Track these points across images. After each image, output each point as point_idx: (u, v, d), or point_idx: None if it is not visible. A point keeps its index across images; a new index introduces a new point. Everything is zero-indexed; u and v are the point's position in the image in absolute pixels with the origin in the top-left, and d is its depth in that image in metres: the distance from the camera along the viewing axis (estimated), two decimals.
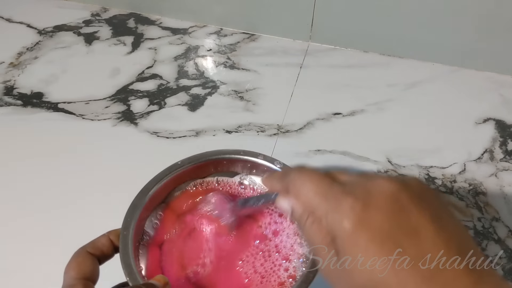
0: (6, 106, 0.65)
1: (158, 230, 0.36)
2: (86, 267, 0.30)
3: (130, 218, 0.34)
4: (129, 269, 0.31)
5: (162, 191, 0.37)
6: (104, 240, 0.32)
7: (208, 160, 0.39)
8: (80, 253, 0.31)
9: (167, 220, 0.37)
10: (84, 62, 0.72)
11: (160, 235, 0.36)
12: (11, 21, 0.80)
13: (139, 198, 0.35)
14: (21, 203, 0.53)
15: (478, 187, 0.56)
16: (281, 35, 0.77)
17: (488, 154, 0.60)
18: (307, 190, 0.28)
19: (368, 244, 0.24)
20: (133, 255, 0.32)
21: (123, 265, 0.31)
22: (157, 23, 0.80)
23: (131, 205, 0.35)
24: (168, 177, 0.37)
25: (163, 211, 0.37)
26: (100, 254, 0.32)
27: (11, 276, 0.47)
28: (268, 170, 0.39)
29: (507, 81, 0.70)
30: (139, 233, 0.35)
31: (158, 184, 0.36)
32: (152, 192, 0.36)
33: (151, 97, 0.66)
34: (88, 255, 0.31)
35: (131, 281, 0.31)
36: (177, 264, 0.35)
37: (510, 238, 0.51)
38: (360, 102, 0.66)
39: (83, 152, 0.59)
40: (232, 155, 0.39)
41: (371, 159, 0.59)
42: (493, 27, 0.65)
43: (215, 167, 0.40)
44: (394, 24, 0.69)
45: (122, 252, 0.32)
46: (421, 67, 0.72)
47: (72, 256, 0.31)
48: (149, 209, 0.36)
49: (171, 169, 0.37)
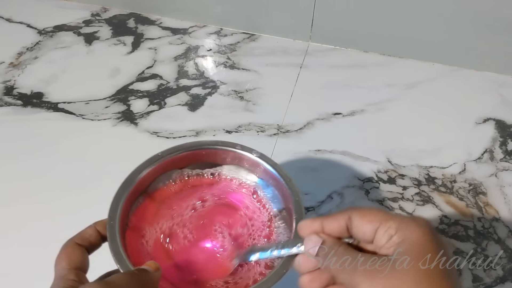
0: (6, 106, 0.65)
1: (141, 218, 0.38)
2: (76, 257, 0.31)
3: (116, 208, 0.35)
4: (119, 256, 0.32)
5: (144, 181, 0.39)
6: (91, 231, 0.33)
7: (187, 151, 0.40)
8: (69, 244, 0.32)
9: (149, 209, 0.39)
10: (84, 62, 0.72)
11: (143, 224, 0.38)
12: (11, 21, 0.80)
13: (122, 188, 0.37)
14: (21, 203, 0.53)
15: (478, 187, 0.56)
16: (281, 35, 0.77)
17: (488, 154, 0.60)
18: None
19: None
20: (121, 243, 0.33)
21: (112, 253, 0.32)
22: (157, 23, 0.80)
23: (116, 196, 0.36)
24: (149, 168, 0.38)
25: (145, 200, 0.39)
26: (88, 244, 0.33)
27: (10, 276, 0.47)
28: (246, 159, 0.40)
29: (507, 81, 0.70)
30: (124, 222, 0.36)
31: (140, 175, 0.38)
32: (134, 183, 0.37)
33: (151, 97, 0.66)
34: (76, 246, 0.32)
35: (122, 268, 0.32)
36: (162, 251, 0.36)
37: (510, 238, 0.51)
38: (360, 102, 0.66)
39: (83, 152, 0.59)
40: (210, 145, 0.41)
41: (371, 159, 0.59)
42: (493, 27, 0.65)
43: (194, 158, 0.41)
44: (394, 24, 0.69)
45: (110, 240, 0.33)
46: (421, 67, 0.72)
47: (61, 248, 0.32)
48: (132, 198, 0.38)
49: (151, 160, 0.39)
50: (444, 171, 0.58)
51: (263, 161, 0.40)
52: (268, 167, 0.39)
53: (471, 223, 0.53)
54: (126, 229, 0.36)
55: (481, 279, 0.48)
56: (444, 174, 0.57)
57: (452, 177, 0.57)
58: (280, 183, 0.38)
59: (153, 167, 0.39)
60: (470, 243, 0.51)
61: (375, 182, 0.56)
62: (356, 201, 0.54)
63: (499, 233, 0.52)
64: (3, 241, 0.50)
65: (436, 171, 0.58)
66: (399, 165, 0.58)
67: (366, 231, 0.28)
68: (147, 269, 0.30)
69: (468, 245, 0.50)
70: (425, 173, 0.57)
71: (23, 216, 0.52)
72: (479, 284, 0.47)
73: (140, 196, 0.39)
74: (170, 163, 0.40)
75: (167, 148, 0.40)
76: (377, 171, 0.58)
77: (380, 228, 0.27)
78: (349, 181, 0.56)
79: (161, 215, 0.39)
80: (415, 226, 0.27)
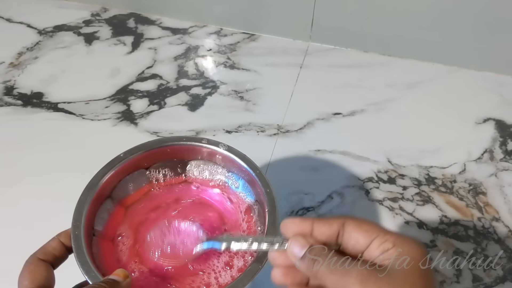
0: (6, 106, 0.65)
1: (107, 224, 0.36)
2: (39, 275, 0.29)
3: (79, 216, 0.33)
4: (86, 267, 0.31)
5: (108, 185, 0.37)
6: (55, 244, 0.32)
7: (150, 150, 0.38)
8: (31, 261, 0.30)
9: (116, 214, 0.37)
10: (84, 62, 0.72)
11: (111, 229, 0.36)
12: (11, 21, 0.80)
13: (85, 195, 0.35)
14: (21, 203, 0.53)
15: (478, 187, 0.56)
16: (281, 35, 0.77)
17: (488, 154, 0.60)
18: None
19: None
20: (88, 253, 0.31)
21: (79, 265, 0.31)
22: (157, 23, 0.80)
23: (78, 203, 0.34)
24: (112, 171, 0.37)
25: (110, 205, 0.37)
26: (52, 259, 0.31)
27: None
28: (214, 153, 0.38)
29: (507, 81, 0.70)
30: (90, 230, 0.34)
31: (103, 179, 0.36)
32: (97, 187, 0.35)
33: (151, 97, 0.66)
34: (40, 262, 0.30)
35: (90, 279, 0.30)
36: (133, 255, 0.35)
37: (510, 238, 0.51)
38: (360, 102, 0.66)
39: (83, 152, 0.59)
40: (175, 142, 0.39)
41: (371, 159, 0.59)
42: (493, 27, 0.65)
43: (159, 157, 0.39)
44: (394, 24, 0.69)
45: (77, 251, 0.31)
46: (421, 67, 0.72)
47: (24, 265, 0.30)
48: (97, 204, 0.36)
49: (113, 163, 0.37)
50: (444, 171, 0.58)
51: (231, 154, 0.38)
52: (237, 159, 0.38)
53: (471, 223, 0.53)
54: (92, 237, 0.34)
55: (481, 279, 0.48)
56: (444, 174, 0.57)
57: (452, 177, 0.57)
58: (250, 175, 0.37)
59: (116, 169, 0.37)
60: (470, 243, 0.51)
61: (375, 182, 0.56)
62: (356, 201, 0.54)
63: (499, 233, 0.52)
64: (3, 241, 0.50)
65: (436, 171, 0.58)
66: (399, 165, 0.58)
67: (359, 240, 0.27)
68: (116, 278, 0.29)
69: (468, 245, 0.50)
70: (425, 173, 0.57)
71: (23, 216, 0.52)
72: (479, 284, 0.47)
73: (105, 201, 0.37)
74: (134, 164, 0.38)
75: (129, 149, 0.38)
76: (377, 171, 0.58)
77: (376, 240, 0.27)
78: (349, 181, 0.56)
79: (129, 220, 0.37)
80: (413, 244, 0.27)
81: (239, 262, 0.35)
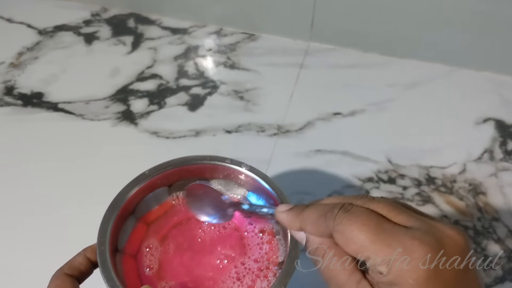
0: (6, 106, 0.65)
1: (130, 240, 0.37)
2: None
3: (105, 232, 0.34)
4: (112, 283, 0.31)
5: (132, 202, 0.37)
6: (81, 259, 0.32)
7: (174, 168, 0.39)
8: (58, 276, 0.31)
9: (138, 230, 0.38)
10: (84, 62, 0.72)
11: (133, 246, 0.37)
12: (11, 21, 0.80)
13: (110, 211, 0.35)
14: (21, 203, 0.53)
15: (478, 187, 0.56)
16: (281, 35, 0.77)
17: (488, 154, 0.60)
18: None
19: None
20: (113, 269, 0.32)
21: (105, 280, 0.31)
22: (157, 23, 0.80)
23: (104, 219, 0.35)
24: (136, 188, 0.37)
25: (133, 222, 0.38)
26: (78, 273, 0.31)
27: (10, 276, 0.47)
28: (236, 173, 0.39)
29: (506, 81, 0.70)
30: (114, 245, 0.35)
31: (127, 195, 0.36)
32: (122, 204, 0.36)
33: (151, 97, 0.66)
34: (66, 277, 0.31)
35: None
36: (155, 274, 0.36)
37: (510, 238, 0.51)
38: (360, 102, 0.66)
39: (83, 152, 0.59)
40: (198, 161, 0.39)
41: (371, 159, 0.59)
42: (493, 27, 0.65)
43: (182, 175, 0.40)
44: (394, 24, 0.69)
45: (102, 267, 0.32)
46: (421, 67, 0.72)
47: (50, 280, 0.30)
48: (121, 221, 0.36)
49: (138, 180, 0.37)
50: (444, 171, 0.58)
51: (253, 174, 0.39)
52: (258, 179, 0.38)
53: (471, 223, 0.53)
54: (115, 252, 0.35)
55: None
56: (444, 174, 0.58)
57: (452, 177, 0.57)
58: (272, 196, 0.37)
59: (140, 186, 0.37)
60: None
61: (375, 182, 0.56)
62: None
63: (499, 233, 0.52)
64: (3, 241, 0.50)
65: (436, 171, 0.58)
66: (399, 165, 0.58)
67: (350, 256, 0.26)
68: None
69: None
70: (425, 173, 0.57)
71: (23, 216, 0.52)
72: None
73: (129, 217, 0.37)
74: (158, 181, 0.39)
75: (154, 166, 0.38)
76: (377, 171, 0.58)
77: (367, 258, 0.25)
78: (349, 181, 0.56)
79: (152, 236, 0.38)
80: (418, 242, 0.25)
81: (262, 283, 0.35)
